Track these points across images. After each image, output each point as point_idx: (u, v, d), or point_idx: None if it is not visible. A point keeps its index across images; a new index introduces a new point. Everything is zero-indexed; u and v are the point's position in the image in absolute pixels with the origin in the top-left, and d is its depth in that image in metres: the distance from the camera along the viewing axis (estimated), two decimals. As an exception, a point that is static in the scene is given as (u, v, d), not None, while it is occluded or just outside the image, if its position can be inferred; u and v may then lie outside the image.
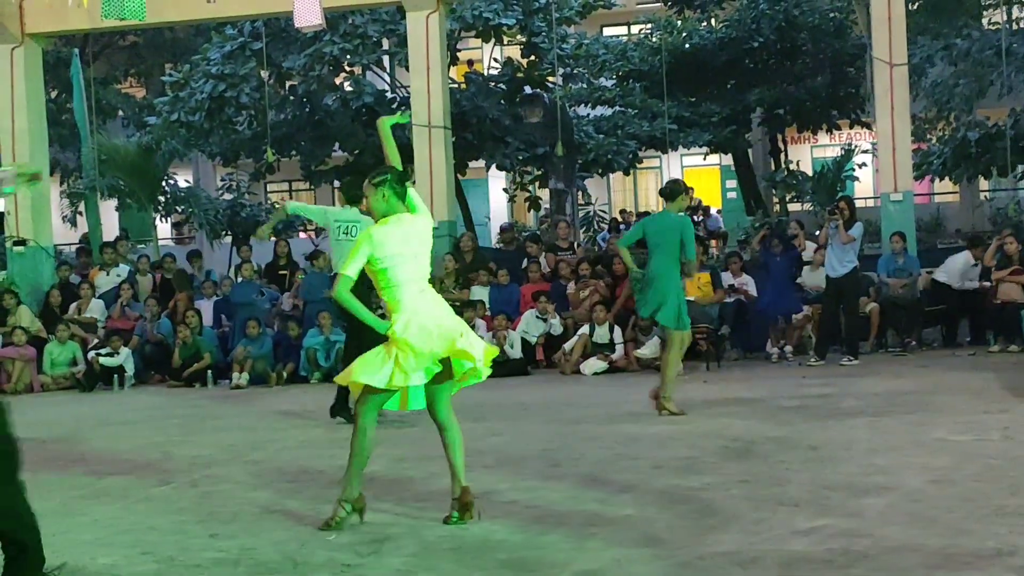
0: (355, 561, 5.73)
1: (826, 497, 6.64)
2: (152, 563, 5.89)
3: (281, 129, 23.46)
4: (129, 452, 9.84)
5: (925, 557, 5.28)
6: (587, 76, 27.89)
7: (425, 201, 19.13)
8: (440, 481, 7.73)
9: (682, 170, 38.78)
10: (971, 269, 16.13)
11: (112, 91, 31.68)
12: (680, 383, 13.28)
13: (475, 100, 22.85)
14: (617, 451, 8.68)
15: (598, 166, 25.82)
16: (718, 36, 27.74)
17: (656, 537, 5.90)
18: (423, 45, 18.30)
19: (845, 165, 23.76)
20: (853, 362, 14.30)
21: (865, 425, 9.38)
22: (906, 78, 17.24)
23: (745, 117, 28.94)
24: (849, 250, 14.52)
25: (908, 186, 17.15)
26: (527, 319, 16.05)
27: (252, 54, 22.15)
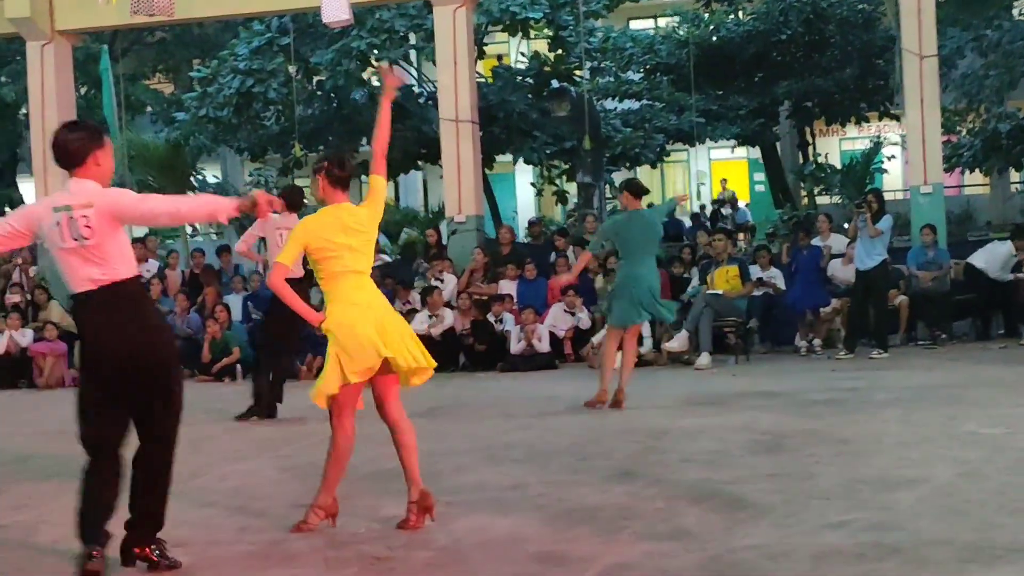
0: (385, 554, 5.74)
1: (857, 490, 6.61)
2: (183, 556, 5.89)
3: (309, 124, 23.50)
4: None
5: (957, 551, 5.25)
6: (614, 69, 27.84)
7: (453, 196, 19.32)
8: (467, 475, 7.75)
9: (710, 163, 38.71)
10: (1011, 260, 16.02)
11: (141, 87, 31.79)
12: (708, 376, 13.31)
13: (502, 94, 22.84)
14: (646, 444, 8.67)
15: (626, 160, 25.79)
16: (746, 29, 27.63)
17: (686, 530, 5.89)
18: (450, 39, 18.30)
19: (874, 158, 23.67)
20: (883, 355, 14.23)
21: (896, 418, 9.33)
22: (936, 70, 17.14)
23: (773, 110, 28.83)
24: (878, 243, 14.45)
25: (938, 178, 17.05)
26: (555, 313, 16.05)
27: (280, 49, 22.21)
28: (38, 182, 19.50)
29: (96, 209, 5.44)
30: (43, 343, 16.66)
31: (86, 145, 5.55)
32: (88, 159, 5.56)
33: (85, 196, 5.50)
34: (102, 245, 5.44)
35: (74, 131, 5.64)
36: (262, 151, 25.26)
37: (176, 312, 17.13)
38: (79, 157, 5.56)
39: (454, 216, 18.31)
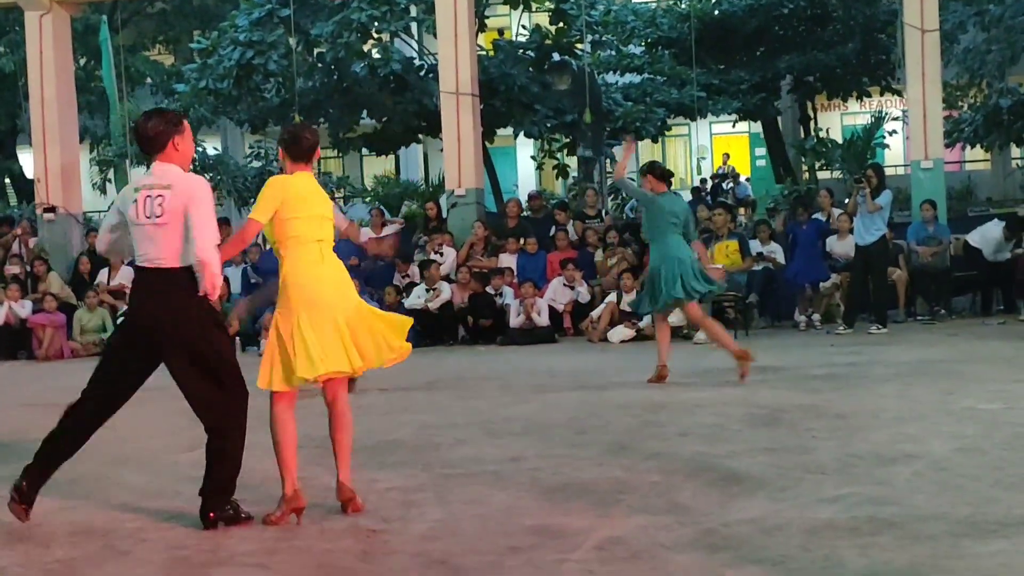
0: (381, 527, 5.75)
1: (853, 465, 6.62)
2: (180, 528, 5.93)
3: (309, 96, 23.43)
4: (157, 418, 9.88)
5: (951, 525, 5.26)
6: (616, 43, 27.73)
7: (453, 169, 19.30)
8: (466, 448, 7.76)
9: (711, 138, 38.63)
10: (1004, 244, 16.00)
11: (141, 58, 31.69)
12: (707, 351, 13.31)
13: (503, 67, 22.76)
14: (644, 419, 8.68)
15: (627, 133, 25.71)
16: (748, 3, 27.49)
17: (681, 504, 5.90)
18: (451, 12, 18.25)
19: (875, 133, 23.59)
20: (882, 330, 14.24)
21: (893, 393, 9.35)
22: (937, 44, 17.11)
23: (775, 84, 28.72)
24: (877, 218, 14.44)
25: (939, 154, 17.03)
26: (554, 287, 16.05)
27: (280, 21, 22.12)
28: (37, 153, 19.47)
29: (173, 191, 5.81)
30: (42, 314, 16.67)
31: (166, 131, 5.93)
32: (168, 144, 5.95)
33: (166, 178, 5.87)
34: (169, 226, 5.79)
35: (153, 119, 6.02)
36: (262, 123, 25.17)
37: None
38: (160, 143, 5.95)
39: (454, 189, 18.30)
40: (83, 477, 7.31)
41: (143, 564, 5.34)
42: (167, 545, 5.62)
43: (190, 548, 5.56)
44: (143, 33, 32.82)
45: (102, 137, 29.66)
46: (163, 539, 5.73)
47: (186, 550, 5.53)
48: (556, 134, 24.70)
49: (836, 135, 31.17)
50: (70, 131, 19.79)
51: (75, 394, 6.17)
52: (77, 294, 17.43)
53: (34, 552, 5.58)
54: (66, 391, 10.50)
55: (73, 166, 19.82)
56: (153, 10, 32.01)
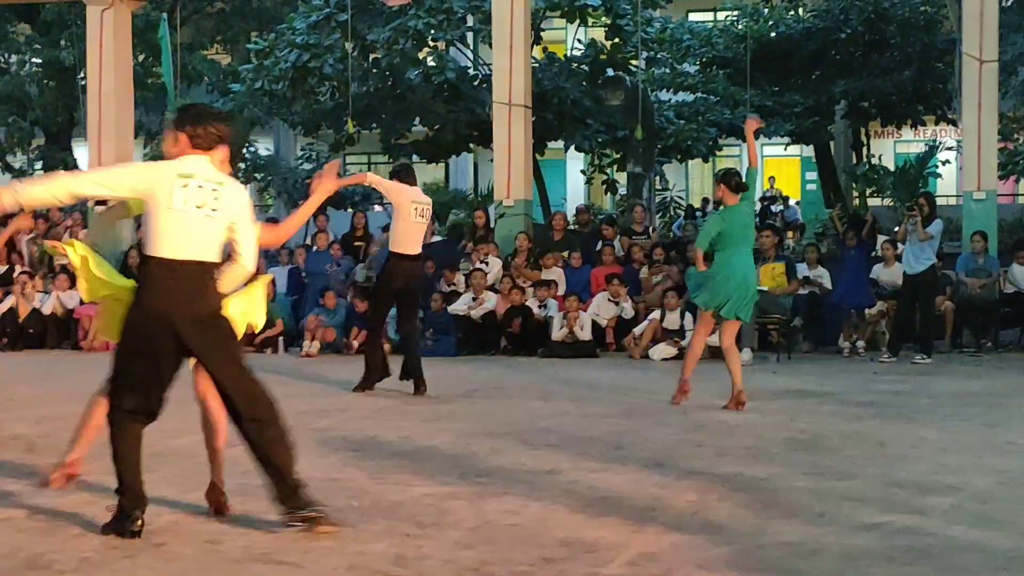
0: (415, 532, 5.76)
1: (892, 494, 6.58)
2: (215, 523, 5.97)
3: (363, 101, 23.54)
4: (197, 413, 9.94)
5: (989, 558, 5.21)
6: (670, 61, 27.71)
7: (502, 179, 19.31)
8: (501, 457, 7.76)
9: (762, 159, 38.47)
10: None
11: (198, 57, 31.95)
12: (749, 372, 13.24)
13: (557, 80, 22.78)
14: (682, 437, 8.65)
15: (677, 152, 25.68)
16: (805, 26, 27.43)
17: (716, 524, 5.88)
18: (507, 22, 18.29)
19: (928, 161, 23.42)
20: (926, 360, 14.12)
21: (935, 424, 9.27)
22: (995, 75, 16.97)
23: (828, 109, 28.60)
24: (927, 247, 14.33)
25: (992, 185, 16.89)
26: (598, 301, 16.03)
27: (337, 25, 22.25)
28: (92, 147, 19.66)
29: (225, 190, 5.78)
30: (89, 305, 16.76)
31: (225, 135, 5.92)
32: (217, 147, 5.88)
33: (216, 176, 5.80)
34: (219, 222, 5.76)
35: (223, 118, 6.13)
36: (315, 126, 25.32)
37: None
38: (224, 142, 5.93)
39: (502, 200, 18.32)
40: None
41: (177, 557, 5.37)
42: (202, 539, 5.65)
43: (225, 543, 5.59)
44: (201, 32, 33.08)
45: (156, 133, 29.91)
46: (198, 533, 5.77)
47: (221, 544, 5.56)
48: (607, 149, 24.71)
49: (888, 162, 30.97)
50: (126, 125, 19.97)
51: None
52: (125, 287, 17.57)
53: (71, 541, 5.62)
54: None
55: (127, 160, 19.98)
56: (212, 10, 32.26)
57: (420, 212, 11.06)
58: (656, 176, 25.58)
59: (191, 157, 5.77)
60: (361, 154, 36.11)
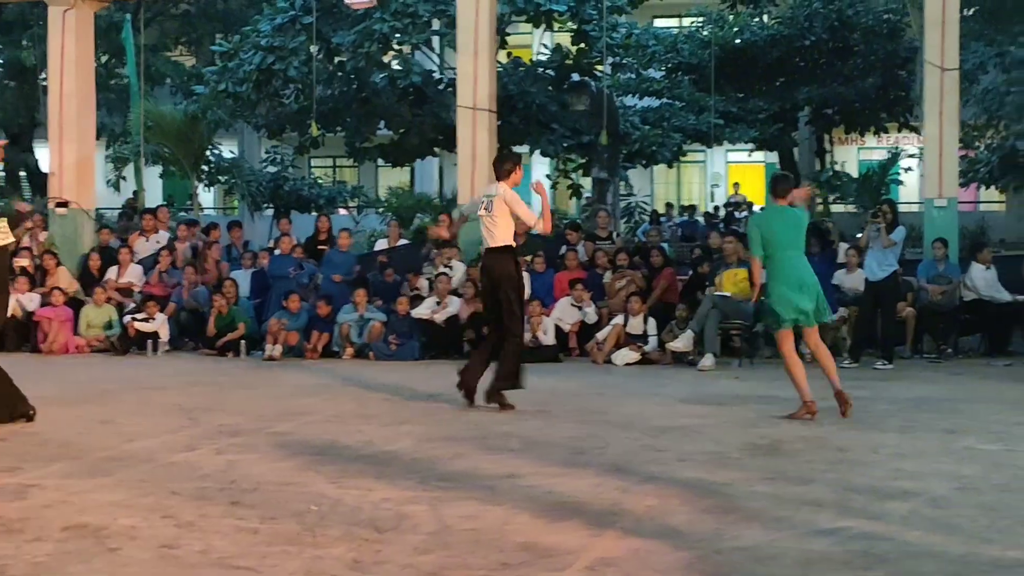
0: (373, 536, 5.74)
1: (850, 499, 6.60)
2: (172, 527, 5.92)
3: (327, 104, 23.51)
4: (157, 417, 9.90)
5: (944, 564, 5.23)
6: (636, 66, 27.79)
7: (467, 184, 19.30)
8: (463, 462, 7.75)
9: (726, 166, 38.67)
10: (987, 274, 15.95)
11: (162, 58, 31.83)
12: (711, 378, 13.29)
13: (522, 85, 22.81)
14: (643, 442, 8.66)
15: (642, 157, 25.77)
16: (770, 32, 27.58)
17: (675, 529, 5.88)
18: (472, 27, 18.27)
19: (891, 168, 23.61)
20: (887, 366, 14.20)
21: (894, 429, 9.32)
22: (957, 83, 17.07)
23: (792, 115, 28.78)
24: (890, 254, 14.41)
25: (953, 192, 16.99)
26: (562, 306, 16.03)
27: (302, 28, 22.21)
28: (53, 148, 19.51)
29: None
30: (49, 308, 16.68)
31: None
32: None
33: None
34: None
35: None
36: (280, 129, 25.26)
37: (183, 284, 17.15)
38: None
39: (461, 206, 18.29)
40: (80, 473, 7.33)
41: (132, 562, 5.33)
42: (158, 544, 5.61)
43: (181, 548, 5.54)
44: (166, 33, 32.99)
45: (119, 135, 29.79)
46: (155, 537, 5.72)
47: (177, 550, 5.51)
48: (572, 154, 24.76)
49: (852, 169, 31.19)
50: (87, 127, 19.83)
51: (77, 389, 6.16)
52: (85, 290, 17.45)
53: (24, 546, 5.57)
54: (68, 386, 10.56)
55: (88, 162, 19.86)
56: (177, 11, 32.17)
57: (484, 206, 10.80)
58: (621, 181, 25.64)
59: None
60: (326, 157, 36.07)
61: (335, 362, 15.30)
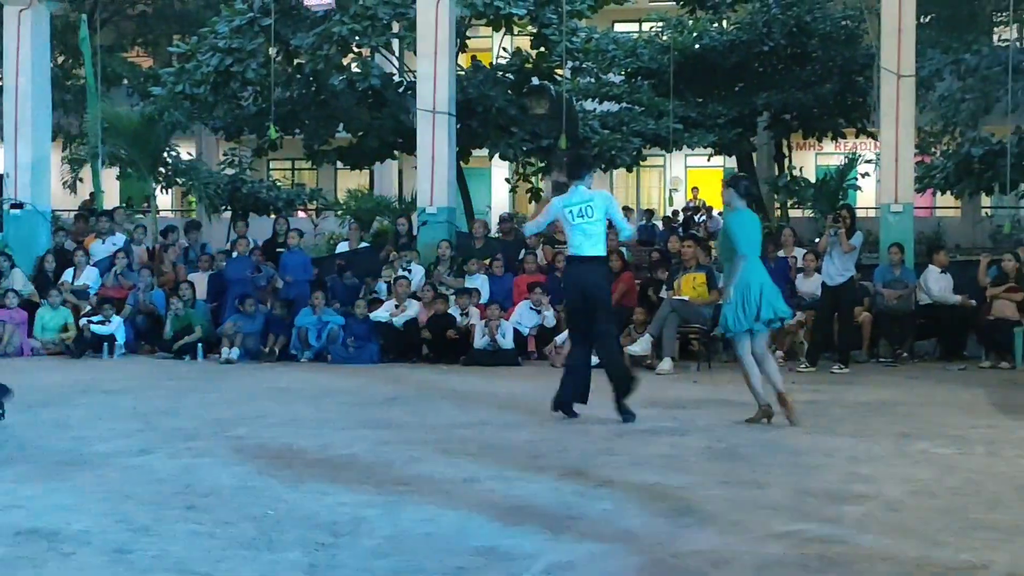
0: (329, 541, 5.72)
1: (805, 502, 6.64)
2: (126, 531, 5.88)
3: (286, 107, 23.39)
4: (113, 420, 9.84)
5: (898, 566, 5.27)
6: (595, 71, 27.80)
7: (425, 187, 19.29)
8: (420, 466, 7.74)
9: (686, 170, 38.78)
10: (942, 278, 16.09)
11: (118, 59, 31.61)
12: (669, 382, 13.32)
13: (481, 88, 22.79)
14: (601, 446, 8.67)
15: (602, 161, 25.75)
16: (729, 38, 27.67)
17: (631, 533, 5.89)
18: (432, 30, 18.27)
19: (848, 174, 23.72)
20: (844, 370, 14.29)
21: (850, 433, 9.37)
22: (913, 90, 17.22)
23: (751, 120, 28.87)
24: (848, 259, 14.50)
25: (909, 198, 17.12)
26: (521, 310, 16.03)
27: (261, 30, 22.07)
28: (8, 149, 19.34)
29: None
30: (3, 310, 16.53)
31: None
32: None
33: None
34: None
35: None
36: (237, 131, 25.09)
37: (140, 287, 17.05)
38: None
39: (425, 207, 18.28)
40: (33, 476, 7.27)
41: (85, 567, 5.29)
42: (112, 548, 5.57)
43: (135, 552, 5.51)
44: (122, 34, 32.76)
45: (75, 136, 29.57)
46: (108, 542, 5.68)
47: (131, 554, 5.48)
48: (531, 158, 24.73)
49: (810, 174, 31.36)
50: (43, 127, 19.67)
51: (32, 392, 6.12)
52: (40, 292, 17.30)
53: (-23, 549, 5.52)
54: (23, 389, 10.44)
55: (44, 163, 19.70)
56: (134, 12, 31.96)
57: (579, 211, 10.13)
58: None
59: None
60: (284, 159, 35.93)
61: (293, 365, 15.25)
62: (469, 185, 24.60)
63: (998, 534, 5.90)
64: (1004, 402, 11.43)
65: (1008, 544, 5.70)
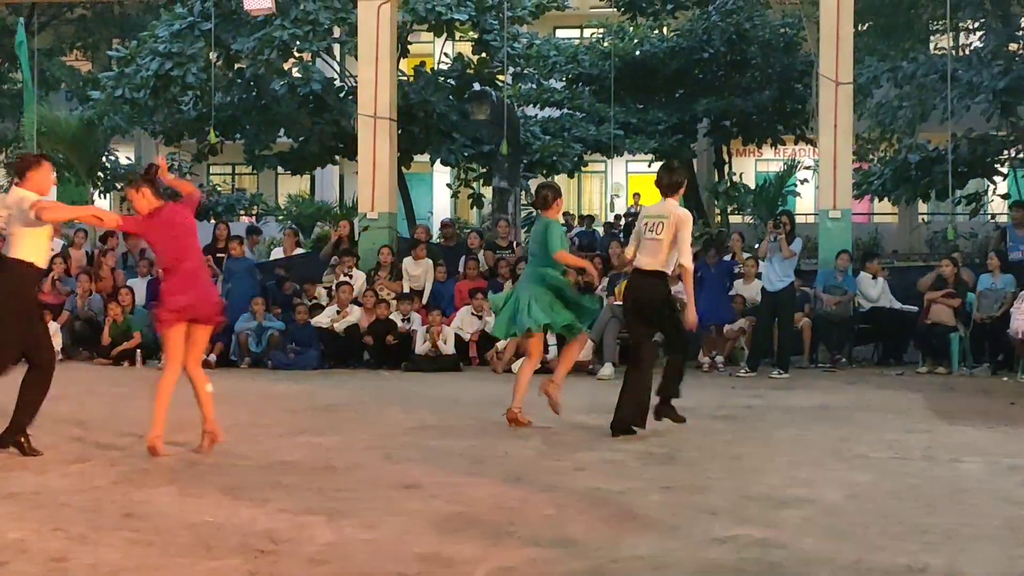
0: (269, 548, 5.68)
1: (745, 507, 6.68)
2: (63, 540, 5.81)
3: (226, 112, 23.28)
4: (50, 428, 9.71)
5: (836, 570, 5.32)
6: (537, 77, 27.90)
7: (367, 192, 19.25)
8: (361, 472, 7.72)
9: (627, 176, 38.94)
10: (876, 283, 16.27)
11: (57, 63, 31.28)
12: (610, 387, 13.34)
13: (423, 94, 22.78)
14: (542, 451, 8.69)
15: (543, 167, 25.84)
16: (669, 45, 27.84)
17: (572, 539, 5.90)
18: (373, 35, 18.23)
19: (787, 180, 23.95)
20: (783, 375, 14.40)
21: (789, 438, 9.44)
22: (851, 97, 17.38)
23: (691, 127, 29.05)
24: (788, 265, 14.62)
25: (847, 204, 17.28)
26: (462, 315, 16.03)
27: (201, 34, 21.95)
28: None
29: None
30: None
31: None
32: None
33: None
34: None
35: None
36: (177, 136, 24.94)
37: (78, 293, 16.87)
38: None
39: (367, 212, 18.23)
40: (-33, 484, 7.17)
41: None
42: (48, 557, 5.49)
43: (71, 560, 5.44)
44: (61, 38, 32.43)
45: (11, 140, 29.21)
46: (44, 551, 5.61)
47: (67, 563, 5.41)
48: (473, 163, 24.77)
49: (749, 180, 31.58)
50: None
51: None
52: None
53: (-90, 559, 5.44)
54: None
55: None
56: (72, 16, 31.64)
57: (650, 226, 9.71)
58: (522, 191, 25.70)
59: None
60: (225, 164, 35.73)
61: (232, 371, 15.14)
62: (411, 190, 24.59)
63: (935, 537, 5.96)
64: (940, 407, 11.55)
65: (945, 547, 5.76)
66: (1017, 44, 24.28)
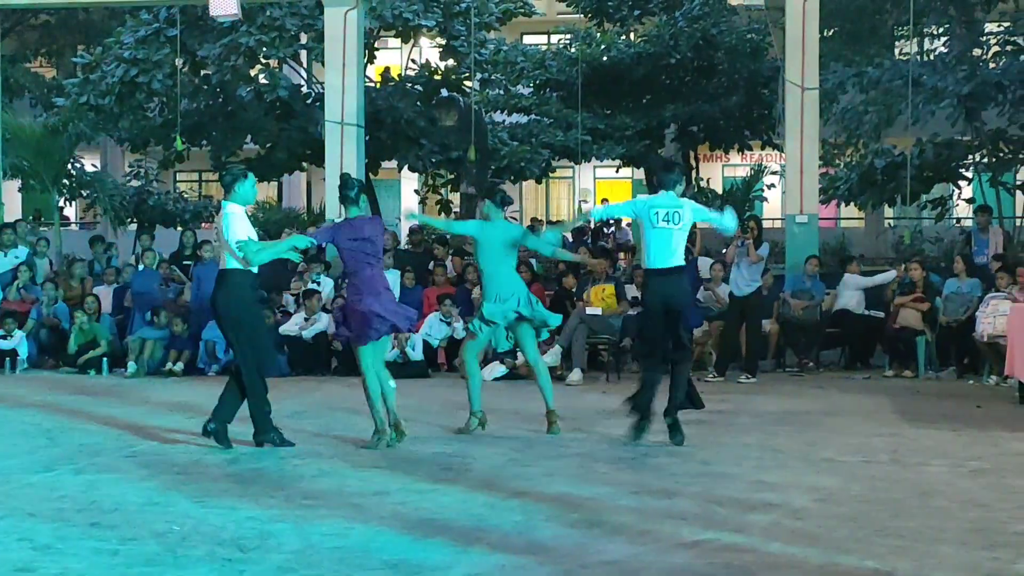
0: (236, 556, 5.66)
1: (713, 511, 6.69)
2: (28, 550, 5.76)
3: (193, 118, 23.17)
4: (15, 437, 9.66)
5: (804, 574, 5.33)
6: (504, 82, 27.89)
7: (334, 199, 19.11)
8: (329, 479, 7.69)
9: (595, 181, 39.00)
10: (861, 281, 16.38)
11: (21, 69, 31.06)
12: (579, 392, 13.36)
13: (390, 100, 22.75)
14: (511, 457, 8.68)
15: (511, 173, 25.84)
16: (636, 51, 27.86)
17: (541, 545, 5.90)
18: (340, 41, 18.21)
19: (754, 185, 24.02)
20: (751, 380, 14.44)
21: (757, 442, 9.47)
22: (817, 102, 17.47)
23: (659, 132, 29.08)
24: (755, 269, 14.68)
25: (814, 209, 17.36)
26: (430, 322, 16.00)
27: (166, 40, 21.84)
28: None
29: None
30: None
31: None
32: None
33: None
34: None
35: None
36: (143, 142, 24.81)
37: (43, 300, 16.76)
38: None
39: (334, 219, 18.16)
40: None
41: (-14, 586, 5.19)
42: (13, 567, 5.46)
43: (37, 571, 5.40)
44: (25, 44, 32.21)
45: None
46: (9, 561, 5.57)
47: (33, 573, 5.37)
48: (440, 169, 24.75)
49: (716, 186, 31.66)
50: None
51: None
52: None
53: None
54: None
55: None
56: (37, 22, 31.43)
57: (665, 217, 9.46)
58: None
59: None
60: (192, 171, 35.56)
61: (200, 379, 15.07)
62: (378, 197, 24.53)
63: (902, 541, 5.99)
64: (907, 410, 11.60)
65: (912, 550, 5.78)
66: (981, 49, 24.43)
